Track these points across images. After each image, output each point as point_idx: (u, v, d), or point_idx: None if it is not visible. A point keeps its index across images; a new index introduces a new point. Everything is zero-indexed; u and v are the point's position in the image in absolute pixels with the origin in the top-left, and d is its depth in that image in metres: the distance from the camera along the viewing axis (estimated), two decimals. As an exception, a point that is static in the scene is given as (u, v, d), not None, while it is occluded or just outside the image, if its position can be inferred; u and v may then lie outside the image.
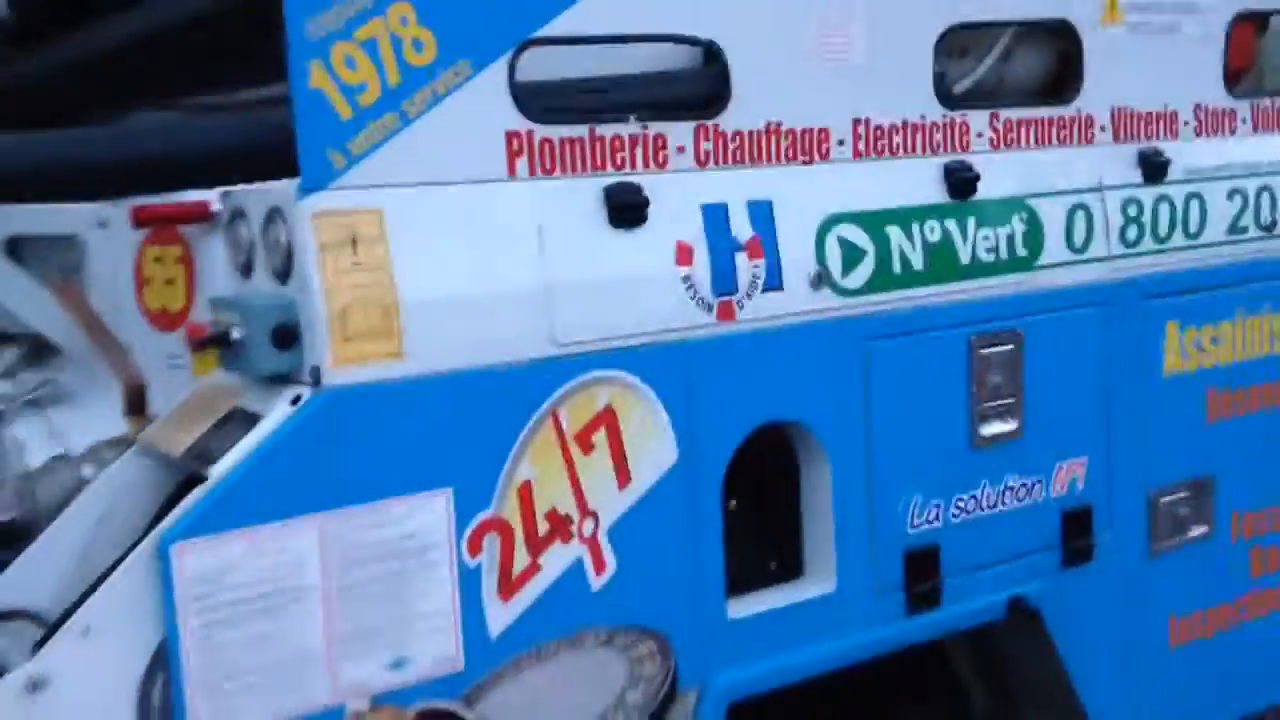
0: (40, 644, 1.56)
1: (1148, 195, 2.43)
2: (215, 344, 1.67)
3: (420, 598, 1.69)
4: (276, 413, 1.60)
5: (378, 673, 1.67)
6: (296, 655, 1.60)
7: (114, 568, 1.56)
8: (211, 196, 1.87)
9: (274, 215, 1.66)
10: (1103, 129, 2.40)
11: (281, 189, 1.66)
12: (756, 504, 2.10)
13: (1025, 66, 2.39)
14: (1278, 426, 2.69)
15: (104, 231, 2.11)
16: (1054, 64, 2.40)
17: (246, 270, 1.76)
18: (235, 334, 1.64)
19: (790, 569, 2.13)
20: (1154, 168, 2.44)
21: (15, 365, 2.27)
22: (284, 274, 1.65)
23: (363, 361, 1.63)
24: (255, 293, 1.70)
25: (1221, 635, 2.64)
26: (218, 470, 1.57)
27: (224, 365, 1.72)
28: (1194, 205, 2.50)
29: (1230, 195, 2.56)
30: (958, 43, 2.29)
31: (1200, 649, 2.61)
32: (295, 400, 1.61)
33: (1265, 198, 2.62)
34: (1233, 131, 2.60)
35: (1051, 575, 2.35)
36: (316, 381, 1.61)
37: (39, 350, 2.23)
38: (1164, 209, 2.45)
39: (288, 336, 1.62)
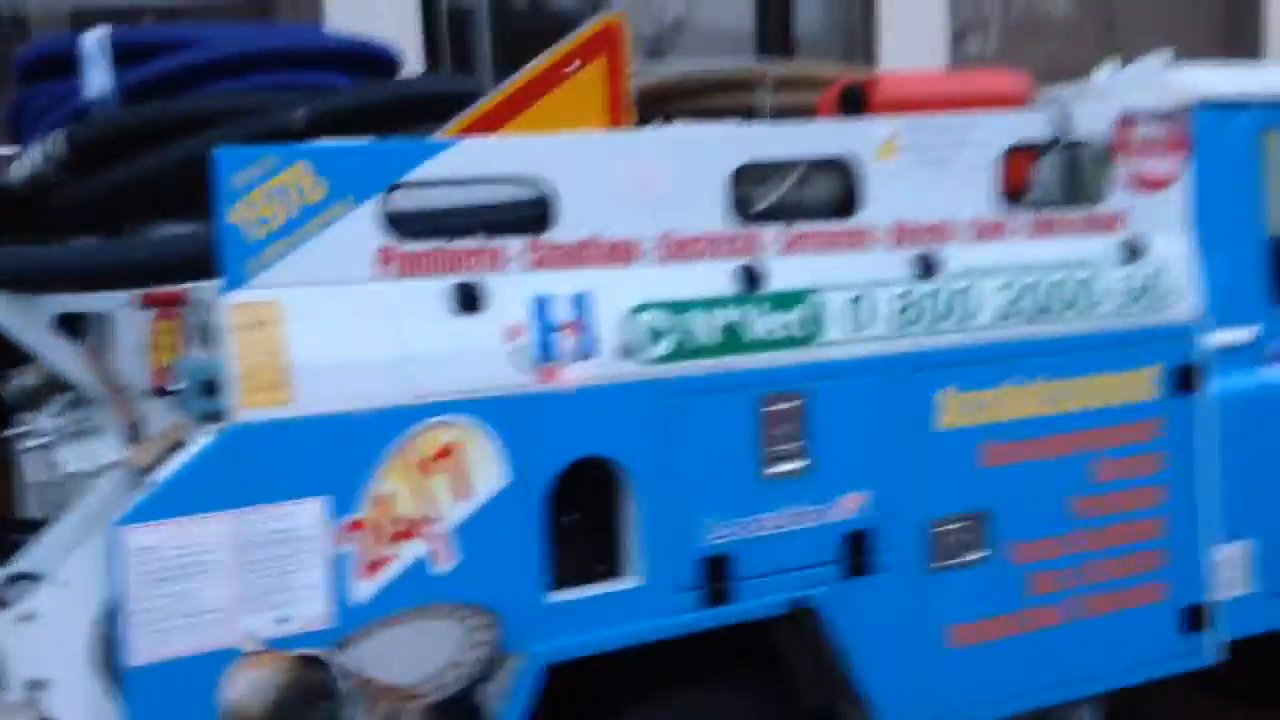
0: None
1: (922, 289, 2.95)
2: (168, 393, 2.30)
3: (301, 573, 2.29)
4: (202, 441, 2.22)
5: (268, 624, 2.28)
6: (207, 608, 2.22)
7: (89, 543, 2.19)
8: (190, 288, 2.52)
9: (210, 305, 2.29)
10: (883, 237, 2.92)
11: (214, 286, 2.28)
12: (591, 519, 2.67)
13: (822, 189, 2.94)
14: (1051, 472, 3.15)
15: (128, 310, 2.78)
16: (846, 188, 2.94)
17: (201, 340, 2.39)
18: (180, 385, 2.26)
19: (614, 569, 2.68)
20: (928, 267, 2.95)
21: (65, 407, 2.94)
22: (215, 345, 2.28)
23: (263, 405, 2.24)
24: (198, 357, 2.33)
25: (999, 642, 3.10)
26: (158, 479, 2.19)
27: (179, 407, 2.35)
28: (966, 297, 3.00)
29: (1003, 288, 3.05)
30: (760, 174, 2.85)
31: (977, 652, 3.06)
32: (216, 432, 2.23)
33: (1035, 290, 3.10)
34: (1008, 237, 3.10)
35: (834, 583, 2.86)
36: (229, 419, 2.23)
37: (80, 397, 2.89)
38: (937, 300, 2.96)
39: (212, 388, 2.24)
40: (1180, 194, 3.32)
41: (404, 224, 2.41)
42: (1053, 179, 3.22)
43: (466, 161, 2.46)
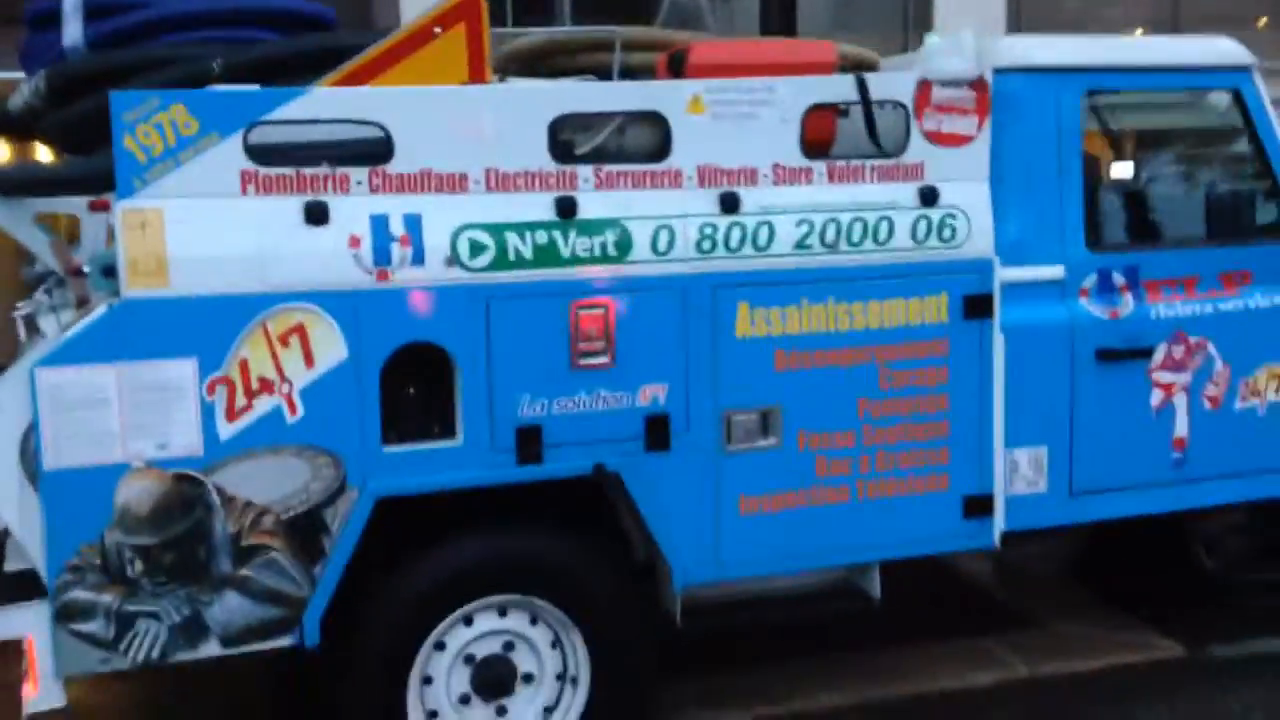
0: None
1: (722, 221, 3.37)
2: (80, 274, 2.89)
3: (176, 413, 2.88)
4: (98, 310, 2.80)
5: (150, 449, 2.87)
6: (103, 432, 2.82)
7: (17, 381, 2.81)
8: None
9: (112, 210, 2.86)
10: (689, 178, 3.35)
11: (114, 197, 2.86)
12: (431, 390, 3.19)
13: (639, 136, 3.37)
14: (841, 378, 3.56)
15: (88, 212, 3.38)
16: (660, 137, 3.36)
17: (112, 238, 2.97)
18: (85, 269, 2.84)
19: (447, 432, 3.21)
20: (729, 204, 3.37)
21: (51, 287, 3.57)
22: (113, 240, 2.85)
23: (145, 287, 2.81)
24: (102, 249, 2.91)
25: (788, 513, 3.54)
26: (67, 336, 2.78)
27: (90, 286, 2.93)
28: (763, 229, 3.41)
29: (799, 224, 3.45)
30: (582, 122, 3.29)
31: (767, 519, 3.51)
32: (109, 304, 2.80)
33: (830, 227, 3.49)
34: (809, 182, 3.49)
35: (635, 456, 3.33)
36: (119, 295, 2.80)
37: (60, 280, 3.51)
38: (735, 231, 3.38)
39: (110, 272, 2.82)
40: (981, 149, 3.66)
41: (261, 154, 2.93)
42: (854, 134, 3.58)
43: (316, 107, 2.98)
